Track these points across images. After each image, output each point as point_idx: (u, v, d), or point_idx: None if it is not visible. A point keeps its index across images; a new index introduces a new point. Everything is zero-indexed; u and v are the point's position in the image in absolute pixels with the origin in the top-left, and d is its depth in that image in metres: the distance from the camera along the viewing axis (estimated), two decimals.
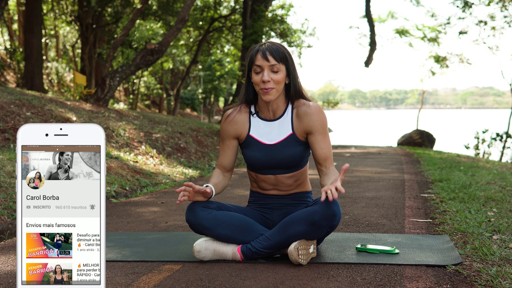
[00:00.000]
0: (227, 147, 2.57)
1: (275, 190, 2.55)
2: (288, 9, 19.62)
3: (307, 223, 2.28)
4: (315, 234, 2.31)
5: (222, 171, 2.58)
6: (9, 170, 4.46)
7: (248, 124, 2.52)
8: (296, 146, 2.46)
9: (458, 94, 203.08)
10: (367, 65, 17.66)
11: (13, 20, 22.86)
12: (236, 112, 2.55)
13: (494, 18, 17.28)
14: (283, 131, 2.47)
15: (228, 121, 2.54)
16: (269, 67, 2.36)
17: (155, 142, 8.11)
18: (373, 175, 6.15)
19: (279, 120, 2.49)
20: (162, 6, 18.90)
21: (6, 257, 2.58)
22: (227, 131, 2.55)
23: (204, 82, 26.09)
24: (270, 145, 2.47)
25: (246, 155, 2.53)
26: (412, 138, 16.63)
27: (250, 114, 2.53)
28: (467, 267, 2.24)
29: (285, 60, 2.40)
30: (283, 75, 2.39)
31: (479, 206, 3.65)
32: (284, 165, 2.47)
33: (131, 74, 10.83)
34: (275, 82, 2.37)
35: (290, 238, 2.30)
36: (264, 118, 2.51)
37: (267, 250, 2.36)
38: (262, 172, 2.51)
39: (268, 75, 2.36)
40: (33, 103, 7.56)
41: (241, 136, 2.54)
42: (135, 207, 4.12)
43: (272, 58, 2.36)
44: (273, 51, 2.37)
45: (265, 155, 2.47)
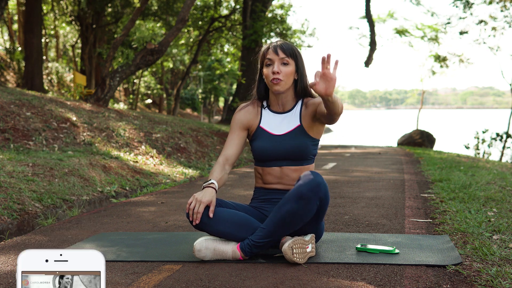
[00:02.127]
0: (236, 136, 2.64)
1: (280, 184, 2.58)
2: (288, 9, 19.64)
3: (295, 199, 2.31)
4: (306, 210, 2.32)
5: (224, 163, 2.59)
6: (9, 170, 4.46)
7: (260, 116, 2.65)
8: (303, 137, 2.55)
9: (458, 94, 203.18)
10: (367, 65, 17.68)
11: (13, 20, 22.86)
12: (250, 105, 2.69)
13: (495, 19, 17.29)
14: (292, 122, 2.58)
15: (242, 111, 2.67)
16: (279, 60, 2.50)
17: (155, 142, 8.11)
18: (373, 175, 6.15)
19: (289, 113, 2.61)
20: (162, 6, 18.90)
21: (6, 257, 2.58)
22: (239, 120, 2.65)
23: (204, 82, 26.07)
24: (278, 135, 2.58)
25: (254, 147, 2.61)
26: (412, 138, 16.63)
27: (262, 108, 2.66)
28: (467, 267, 2.24)
29: (295, 56, 2.53)
30: (292, 68, 2.52)
31: (479, 206, 3.65)
32: (290, 155, 2.54)
33: (131, 74, 10.83)
34: (284, 74, 2.50)
35: (284, 220, 2.31)
36: (274, 111, 2.64)
37: (264, 240, 2.36)
38: (268, 164, 2.58)
39: (278, 67, 2.49)
40: (33, 103, 7.56)
41: (252, 127, 2.64)
42: (135, 207, 4.12)
43: (282, 52, 2.50)
44: (283, 46, 2.52)
45: (272, 145, 2.56)
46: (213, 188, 2.41)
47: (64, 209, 4.09)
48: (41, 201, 4.01)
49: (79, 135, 7.02)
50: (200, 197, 2.36)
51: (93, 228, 3.31)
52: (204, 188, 2.43)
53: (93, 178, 5.05)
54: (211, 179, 2.48)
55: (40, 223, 3.64)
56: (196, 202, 2.36)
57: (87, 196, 4.54)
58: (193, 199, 2.37)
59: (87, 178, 5.00)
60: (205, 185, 2.45)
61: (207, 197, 2.37)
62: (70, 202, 4.26)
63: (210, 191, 2.40)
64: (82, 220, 3.58)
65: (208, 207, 2.38)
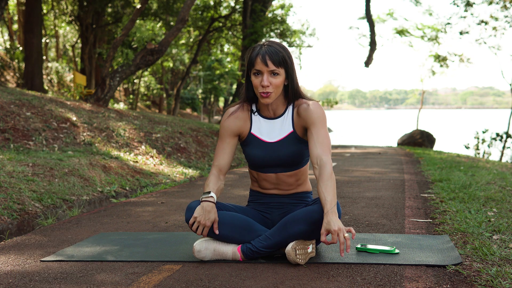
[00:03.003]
0: (227, 144, 2.53)
1: (276, 189, 2.55)
2: (288, 9, 19.63)
3: (306, 222, 2.29)
4: (315, 233, 2.32)
5: (218, 174, 2.52)
6: (9, 170, 4.46)
7: (250, 122, 2.53)
8: (297, 144, 2.47)
9: (458, 94, 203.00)
10: (367, 65, 17.67)
11: (13, 20, 22.86)
12: (238, 109, 2.54)
13: (496, 19, 17.28)
14: (284, 129, 2.48)
15: (231, 117, 2.53)
16: (268, 72, 2.36)
17: (155, 142, 8.11)
18: (373, 175, 6.15)
19: (280, 119, 2.50)
20: (162, 6, 18.90)
21: (6, 257, 2.58)
22: (228, 128, 2.52)
23: (204, 82, 26.07)
24: (271, 143, 2.48)
25: (247, 153, 2.53)
26: (412, 138, 16.63)
27: (252, 112, 2.54)
28: (467, 267, 2.24)
29: (285, 63, 2.38)
30: (282, 78, 2.39)
31: (479, 206, 3.65)
32: (285, 163, 2.47)
33: (131, 74, 10.83)
34: (273, 86, 2.37)
35: (290, 237, 2.31)
36: (265, 116, 2.52)
37: (267, 250, 2.36)
38: (263, 170, 2.51)
39: (267, 79, 2.35)
40: (33, 103, 7.56)
41: (242, 134, 2.53)
42: (135, 207, 4.12)
43: (271, 63, 2.35)
44: (272, 55, 2.35)
45: (266, 153, 2.47)
46: (213, 204, 2.37)
47: (64, 209, 4.09)
48: (41, 201, 4.01)
49: (79, 135, 7.02)
50: (203, 220, 2.32)
51: (93, 228, 3.31)
52: (202, 202, 2.37)
53: (93, 178, 5.05)
54: (210, 191, 2.41)
55: (40, 223, 3.64)
56: (200, 225, 2.34)
57: (87, 196, 4.54)
58: (194, 221, 2.34)
59: (87, 178, 5.00)
60: (204, 198, 2.39)
61: (211, 219, 2.34)
62: (70, 202, 4.26)
63: (211, 208, 2.35)
64: (82, 220, 3.58)
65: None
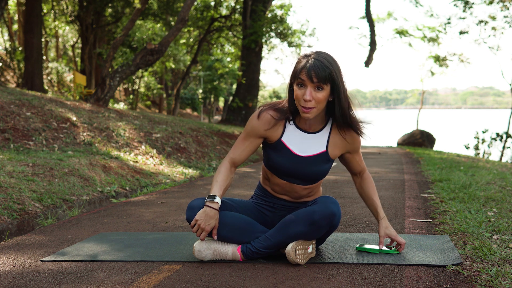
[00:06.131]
0: (249, 143, 2.45)
1: (286, 196, 2.52)
2: (288, 9, 19.63)
3: (306, 223, 2.29)
4: (314, 234, 2.32)
5: (230, 166, 2.46)
6: (9, 170, 4.46)
7: (283, 129, 2.41)
8: (325, 164, 2.42)
9: (458, 94, 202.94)
10: (367, 65, 17.67)
11: (13, 20, 22.86)
12: (273, 113, 2.40)
13: (495, 19, 17.29)
14: (317, 146, 2.40)
15: (263, 120, 2.39)
16: (312, 86, 2.24)
17: (155, 142, 8.11)
18: (373, 175, 6.15)
19: (316, 135, 2.41)
20: (162, 6, 18.90)
21: (6, 257, 2.58)
22: (257, 129, 2.41)
23: (204, 82, 26.06)
24: (300, 156, 2.40)
25: (271, 158, 2.43)
26: (412, 138, 16.63)
27: (287, 120, 2.42)
28: (467, 267, 2.24)
29: (331, 79, 2.25)
30: (326, 94, 2.26)
31: (479, 206, 3.65)
32: (307, 178, 2.43)
33: (131, 74, 10.83)
34: (316, 101, 2.25)
35: (290, 238, 2.31)
36: (300, 127, 2.42)
37: (267, 250, 2.36)
38: (281, 177, 2.45)
39: (310, 94, 2.23)
40: (33, 103, 7.56)
41: (271, 138, 2.42)
42: (135, 207, 4.12)
43: (316, 79, 2.22)
44: (318, 71, 2.22)
45: (292, 164, 2.40)
46: (216, 211, 2.33)
47: (64, 209, 4.09)
48: (41, 201, 4.01)
49: (79, 135, 7.02)
50: (204, 224, 2.31)
51: (93, 228, 3.31)
52: (206, 206, 2.33)
53: (93, 178, 5.05)
54: (215, 195, 2.34)
55: (40, 223, 3.64)
56: (199, 228, 2.32)
57: (87, 196, 4.54)
58: (195, 223, 2.33)
59: (87, 178, 5.00)
60: (208, 203, 2.33)
61: (211, 225, 2.33)
62: (70, 202, 4.26)
63: (213, 214, 2.32)
64: (82, 220, 3.58)
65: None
